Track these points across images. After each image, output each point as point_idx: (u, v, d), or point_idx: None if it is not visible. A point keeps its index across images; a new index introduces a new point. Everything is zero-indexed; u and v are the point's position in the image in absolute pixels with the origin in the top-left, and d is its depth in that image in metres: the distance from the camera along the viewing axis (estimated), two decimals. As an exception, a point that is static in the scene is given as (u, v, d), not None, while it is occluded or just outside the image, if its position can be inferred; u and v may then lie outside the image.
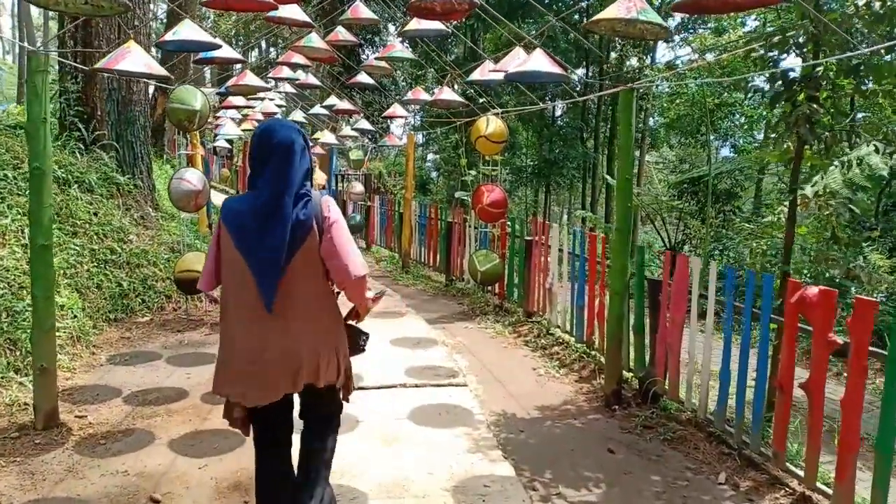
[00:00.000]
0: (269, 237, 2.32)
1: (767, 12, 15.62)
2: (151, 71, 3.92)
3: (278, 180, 2.36)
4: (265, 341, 2.38)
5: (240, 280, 2.38)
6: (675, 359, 4.23)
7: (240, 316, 2.42)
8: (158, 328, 6.18)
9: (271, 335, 2.38)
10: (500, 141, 6.90)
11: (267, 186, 2.37)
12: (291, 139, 2.42)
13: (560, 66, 4.14)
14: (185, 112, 6.03)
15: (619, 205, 4.36)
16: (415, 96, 7.72)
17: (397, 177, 29.02)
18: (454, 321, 7.07)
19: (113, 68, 3.71)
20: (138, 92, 7.32)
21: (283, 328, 2.39)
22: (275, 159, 2.38)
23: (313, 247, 2.39)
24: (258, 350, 2.38)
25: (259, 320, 2.37)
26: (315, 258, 2.40)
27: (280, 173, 2.37)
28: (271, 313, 2.35)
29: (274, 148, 2.39)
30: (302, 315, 2.42)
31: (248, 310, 2.38)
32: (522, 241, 6.97)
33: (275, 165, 2.37)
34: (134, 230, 6.91)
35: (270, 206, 2.34)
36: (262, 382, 2.40)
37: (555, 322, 6.14)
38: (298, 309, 2.42)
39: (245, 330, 2.41)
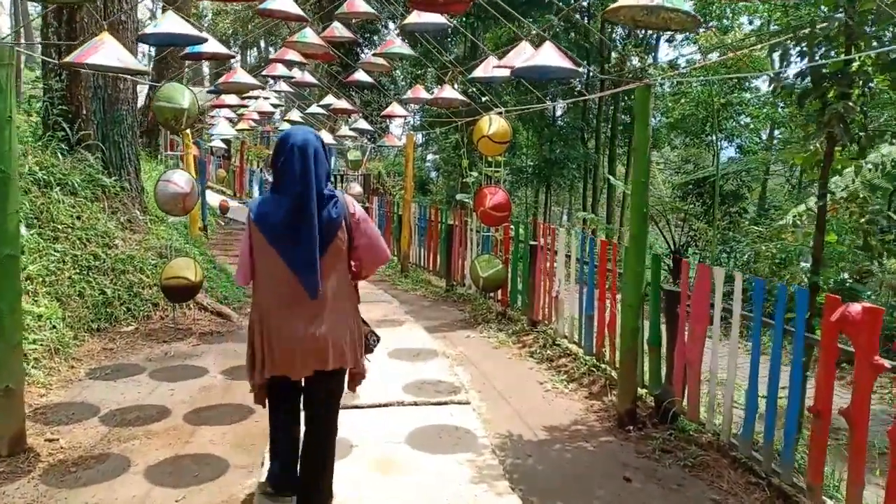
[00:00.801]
0: (302, 234, 2.63)
1: (774, 10, 15.35)
2: (125, 65, 3.61)
3: (299, 182, 2.64)
4: (301, 327, 2.70)
5: (277, 274, 2.70)
6: (695, 376, 3.92)
7: (277, 306, 2.74)
8: (144, 338, 5.86)
9: (305, 322, 2.71)
10: (503, 141, 6.58)
11: (289, 188, 2.66)
12: (308, 142, 2.70)
13: (570, 60, 3.82)
14: (172, 110, 5.72)
15: (634, 209, 4.04)
16: (414, 95, 7.40)
17: (396, 177, 28.75)
18: (455, 329, 6.76)
19: (83, 62, 3.40)
20: (125, 90, 7.00)
21: (316, 316, 2.71)
22: (294, 162, 2.66)
23: (342, 242, 2.74)
24: (295, 334, 2.71)
25: (295, 309, 2.70)
26: (342, 252, 2.76)
27: (300, 175, 2.65)
28: (316, 299, 2.67)
29: (292, 152, 2.67)
30: (331, 304, 2.74)
31: (285, 300, 2.71)
32: (527, 246, 6.66)
33: (294, 168, 2.66)
34: (120, 234, 6.59)
35: (296, 205, 2.64)
36: (299, 361, 2.75)
37: (561, 332, 5.82)
38: (328, 298, 2.73)
39: (283, 319, 2.72)
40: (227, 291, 7.20)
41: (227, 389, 4.77)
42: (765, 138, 15.25)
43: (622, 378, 4.20)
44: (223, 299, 6.98)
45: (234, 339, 6.03)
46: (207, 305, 6.57)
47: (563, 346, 5.78)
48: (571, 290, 5.81)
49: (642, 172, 4.02)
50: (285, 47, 6.47)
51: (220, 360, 5.41)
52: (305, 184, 2.64)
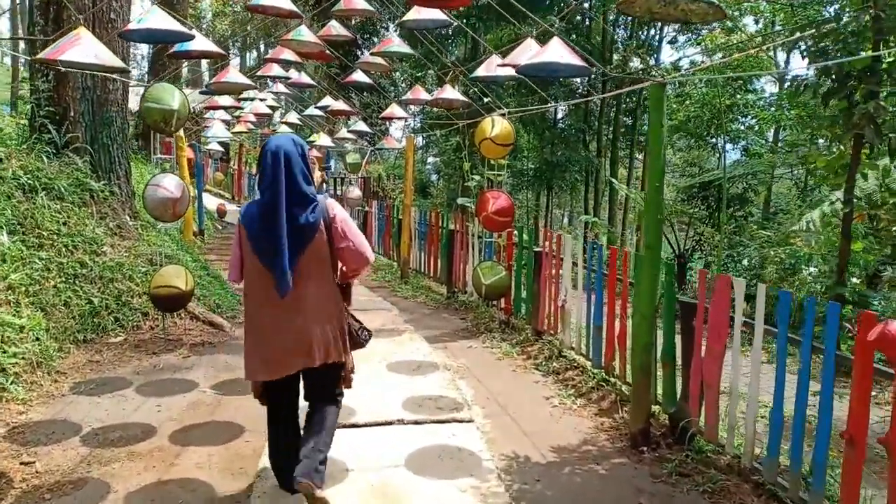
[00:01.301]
0: (273, 236, 2.77)
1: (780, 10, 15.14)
2: (102, 62, 3.36)
3: (270, 186, 2.80)
4: (284, 325, 2.85)
5: (259, 274, 2.86)
6: (714, 394, 3.68)
7: (261, 304, 2.90)
8: (132, 350, 5.62)
9: (288, 320, 2.85)
10: (506, 144, 6.36)
11: (267, 192, 2.81)
12: (280, 148, 2.84)
13: (579, 57, 3.58)
14: (161, 112, 5.48)
15: (649, 215, 3.80)
16: (414, 96, 7.17)
17: (396, 180, 28.50)
18: (457, 339, 6.51)
19: (57, 59, 3.16)
20: (115, 91, 6.76)
21: (298, 314, 2.85)
22: (266, 168, 2.82)
23: (321, 244, 2.86)
24: (278, 332, 2.86)
25: (277, 307, 2.83)
26: (323, 254, 2.89)
27: (271, 180, 2.81)
28: (283, 299, 2.79)
29: (265, 158, 2.84)
30: (313, 303, 2.88)
31: (267, 299, 2.84)
32: (531, 253, 6.42)
33: (267, 173, 2.82)
34: (108, 241, 6.35)
35: (268, 209, 2.80)
36: (283, 358, 2.88)
37: (568, 343, 5.58)
38: (310, 297, 2.87)
39: (266, 316, 2.88)
40: (220, 299, 6.96)
41: (217, 406, 4.52)
42: (768, 141, 14.98)
43: (635, 395, 3.95)
44: (216, 308, 6.74)
45: (226, 351, 5.78)
46: (199, 315, 6.33)
47: (570, 357, 5.54)
48: (578, 299, 5.57)
49: (657, 175, 3.78)
50: (281, 46, 6.23)
51: (210, 374, 5.17)
52: (275, 188, 2.80)
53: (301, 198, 2.83)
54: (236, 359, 5.55)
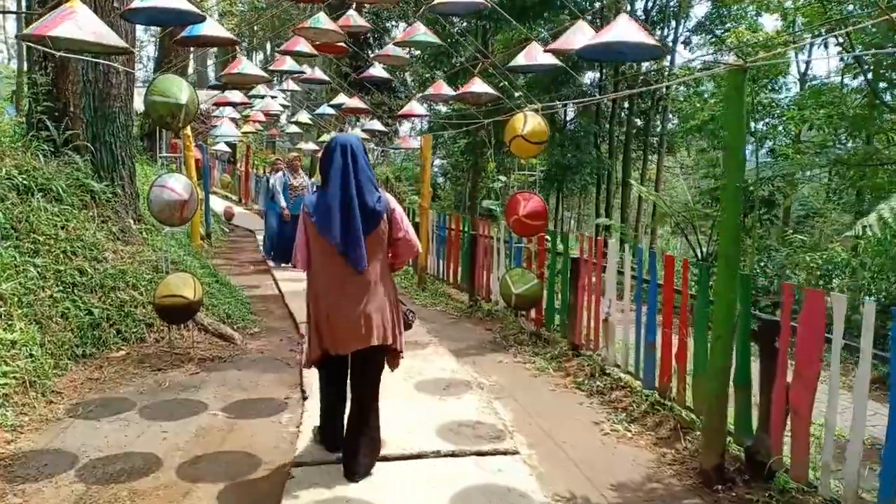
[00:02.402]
0: (348, 220, 3.09)
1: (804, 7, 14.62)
2: (101, 40, 2.89)
3: (342, 176, 3.14)
4: (350, 307, 3.15)
5: (328, 260, 3.17)
6: (803, 426, 3.18)
7: (330, 289, 3.19)
8: (136, 365, 5.15)
9: (354, 301, 3.14)
10: (539, 141, 5.88)
11: (335, 182, 3.14)
12: (348, 143, 3.21)
13: (650, 36, 3.09)
14: (168, 106, 5.05)
15: (726, 222, 3.32)
16: (436, 91, 6.69)
17: (404, 181, 28.02)
18: (485, 353, 6.02)
19: (46, 35, 2.69)
20: (118, 85, 6.31)
21: (363, 296, 3.15)
22: (337, 161, 3.15)
23: (382, 231, 3.18)
24: (346, 312, 3.15)
25: (345, 290, 3.15)
26: (383, 241, 3.21)
27: (342, 171, 3.14)
28: (349, 283, 3.13)
29: (335, 152, 3.17)
30: (374, 286, 3.18)
31: (335, 283, 3.16)
32: (567, 259, 5.93)
33: (338, 165, 3.15)
34: (110, 246, 5.89)
35: (342, 196, 3.11)
36: (347, 336, 3.18)
37: (612, 359, 5.08)
38: (372, 281, 3.17)
39: (334, 299, 3.17)
40: (230, 309, 6.48)
41: (230, 432, 4.04)
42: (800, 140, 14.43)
43: (709, 428, 3.45)
44: (226, 318, 6.26)
45: (237, 366, 5.31)
46: (208, 326, 5.85)
47: (615, 375, 5.05)
48: (625, 311, 5.08)
49: (736, 174, 3.29)
50: (297, 35, 5.77)
51: (221, 393, 4.69)
52: (346, 177, 3.14)
53: (368, 187, 3.18)
54: (249, 375, 5.08)
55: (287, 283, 8.87)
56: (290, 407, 4.45)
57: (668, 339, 4.37)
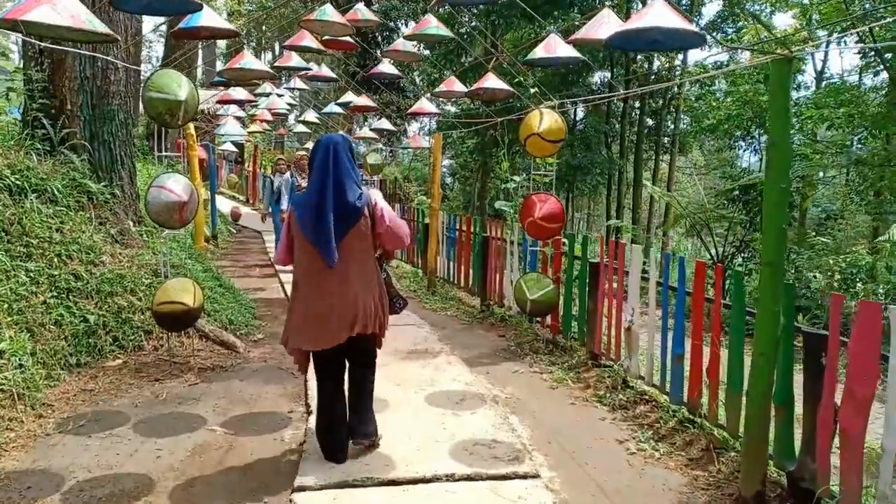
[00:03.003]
0: (322, 216, 3.23)
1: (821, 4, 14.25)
2: (81, 26, 2.62)
3: (321, 173, 3.30)
4: (329, 300, 3.27)
5: (306, 255, 3.32)
6: (856, 452, 2.88)
7: (310, 283, 3.32)
8: (132, 375, 4.90)
9: (334, 296, 3.27)
10: (556, 140, 5.61)
11: (316, 181, 3.31)
12: (330, 141, 3.36)
13: (687, 20, 2.79)
14: (166, 103, 4.81)
15: (772, 225, 3.02)
16: (448, 88, 6.41)
17: (412, 182, 27.78)
18: (499, 362, 5.73)
19: (18, 19, 2.43)
20: (117, 81, 6.07)
21: (343, 290, 3.28)
22: (317, 159, 3.34)
23: (364, 227, 3.31)
24: (325, 307, 3.27)
25: (325, 285, 3.28)
26: (365, 235, 3.33)
27: (321, 168, 3.31)
28: (331, 278, 3.26)
29: (317, 150, 3.36)
30: (356, 280, 3.31)
31: (315, 277, 3.29)
32: (585, 264, 5.64)
33: (318, 163, 3.33)
34: (108, 249, 5.65)
35: (318, 192, 3.27)
36: (329, 330, 3.28)
37: (635, 371, 4.78)
38: (353, 275, 3.31)
39: (313, 294, 3.31)
40: (233, 315, 6.22)
41: (229, 450, 3.78)
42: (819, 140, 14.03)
43: (750, 452, 3.15)
44: (228, 324, 6.01)
45: (239, 376, 5.05)
46: (209, 333, 5.60)
47: (638, 388, 4.75)
48: (649, 319, 4.78)
49: (782, 174, 2.99)
50: (303, 28, 5.50)
51: (220, 407, 4.43)
52: (325, 174, 3.28)
53: (349, 184, 3.30)
54: (251, 386, 4.82)
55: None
56: (294, 422, 4.18)
57: (699, 351, 4.07)
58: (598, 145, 22.33)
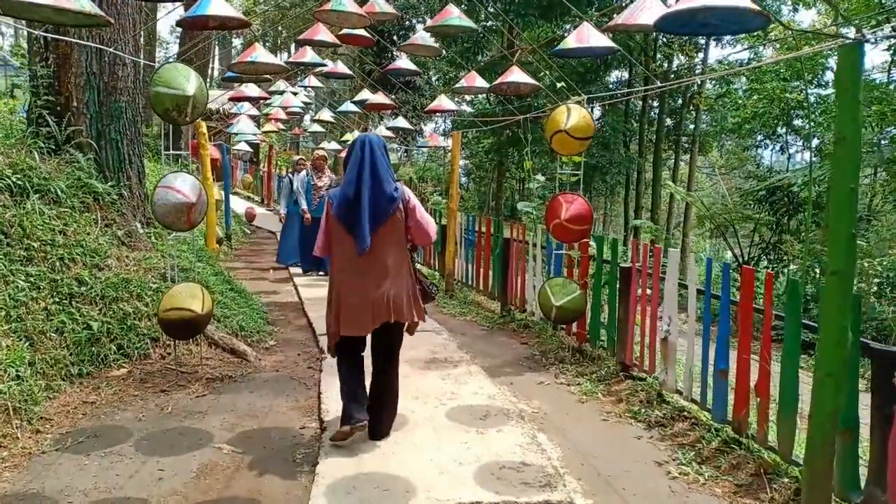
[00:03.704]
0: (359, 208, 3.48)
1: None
2: (63, 4, 2.34)
3: (357, 169, 3.56)
4: (367, 289, 3.52)
5: (345, 246, 3.55)
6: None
7: (347, 272, 3.57)
8: (137, 386, 4.65)
9: (371, 286, 3.52)
10: (584, 137, 5.31)
11: (353, 173, 3.56)
12: (366, 140, 3.65)
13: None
14: (173, 98, 4.57)
15: (840, 230, 2.68)
16: (469, 83, 6.11)
17: (427, 181, 27.49)
18: (522, 371, 5.42)
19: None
20: (125, 77, 5.83)
21: (379, 278, 3.53)
22: (353, 156, 3.61)
23: (398, 220, 3.58)
24: (363, 295, 3.52)
25: (362, 274, 3.53)
26: (399, 228, 3.60)
27: (358, 164, 3.57)
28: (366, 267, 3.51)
29: (353, 148, 3.64)
30: (391, 269, 3.56)
31: (353, 267, 3.55)
32: (615, 269, 5.31)
33: (359, 158, 3.58)
34: (114, 252, 5.41)
35: (355, 187, 3.52)
36: (366, 317, 3.54)
37: (672, 385, 4.45)
38: (389, 264, 3.56)
39: (352, 282, 3.56)
40: (245, 321, 5.96)
41: (236, 471, 3.50)
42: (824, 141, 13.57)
43: (811, 481, 2.82)
44: (240, 331, 5.75)
45: (249, 388, 4.78)
46: (219, 341, 5.34)
47: (676, 404, 4.42)
48: (688, 329, 4.45)
49: (851, 174, 2.66)
50: (317, 20, 5.23)
51: (228, 421, 4.16)
52: (362, 168, 3.51)
53: (386, 177, 3.54)
54: (261, 400, 4.55)
55: (307, 290, 8.36)
56: (306, 441, 3.90)
57: (746, 365, 3.74)
58: (617, 145, 21.91)
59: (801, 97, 12.90)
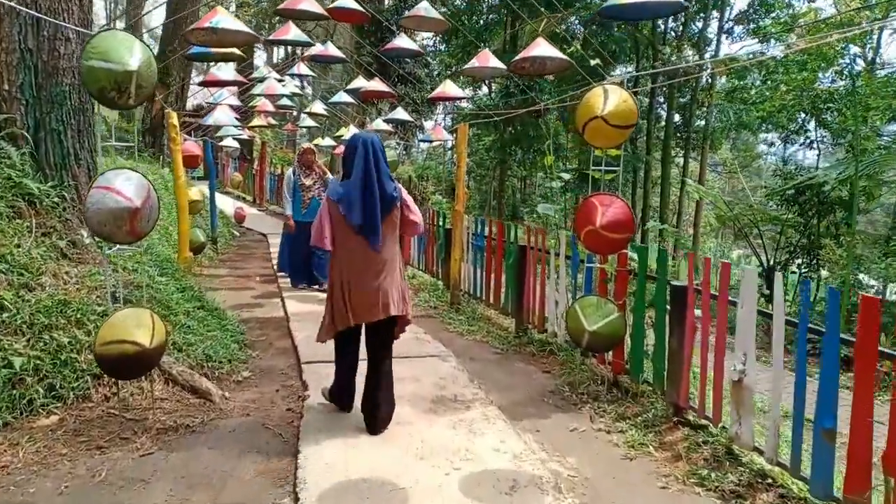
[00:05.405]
0: (367, 206, 3.65)
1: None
2: None
3: (364, 169, 3.67)
4: (371, 282, 3.71)
5: (350, 241, 3.72)
6: None
7: (352, 267, 3.73)
8: (68, 439, 3.67)
9: (372, 279, 3.72)
10: (625, 125, 4.37)
11: (360, 175, 3.67)
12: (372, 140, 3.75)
13: None
14: (111, 74, 3.64)
15: None
16: (482, 64, 5.14)
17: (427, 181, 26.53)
18: (549, 412, 4.45)
19: None
20: (69, 55, 4.85)
21: (380, 273, 3.73)
22: (359, 156, 3.69)
23: (396, 215, 3.78)
24: (368, 287, 3.71)
25: (363, 269, 3.72)
26: (396, 224, 3.81)
27: (364, 164, 3.67)
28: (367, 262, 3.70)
29: (357, 148, 3.72)
30: (389, 264, 3.77)
31: (357, 262, 3.72)
32: (665, 287, 4.33)
33: (363, 157, 3.68)
34: (51, 267, 4.44)
35: (363, 185, 3.66)
36: (370, 307, 3.73)
37: (748, 440, 3.48)
38: (387, 259, 3.76)
39: (357, 276, 3.72)
40: (214, 347, 4.96)
41: (174, 581, 2.52)
42: (881, 134, 12.62)
43: None
44: (206, 361, 4.76)
45: (210, 441, 3.79)
46: (178, 376, 4.36)
47: (753, 466, 3.46)
48: (769, 370, 3.48)
49: None
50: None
51: (177, 493, 3.18)
52: (368, 168, 3.67)
53: (388, 178, 3.74)
54: (222, 457, 3.57)
55: (296, 303, 7.40)
56: (275, 528, 2.93)
57: (865, 427, 2.77)
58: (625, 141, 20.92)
59: (832, 88, 11.93)
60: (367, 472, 3.33)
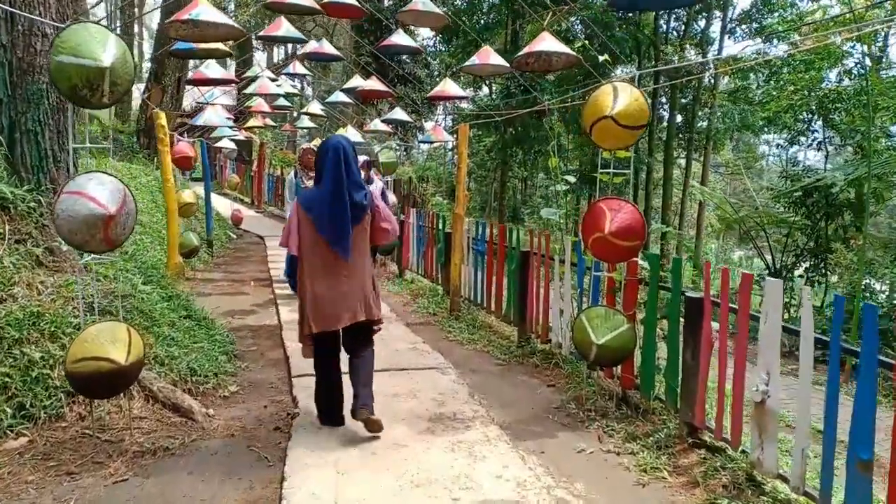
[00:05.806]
0: (336, 214, 3.63)
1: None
2: None
3: (333, 175, 3.65)
4: (336, 288, 3.71)
5: (318, 248, 3.70)
6: None
7: (319, 274, 3.72)
8: (36, 465, 3.40)
9: (342, 285, 3.72)
10: (636, 126, 4.12)
11: (330, 179, 3.66)
12: (339, 145, 3.72)
13: None
14: (82, 70, 3.40)
15: None
16: (482, 61, 4.87)
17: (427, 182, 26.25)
18: (555, 431, 4.18)
19: None
20: (46, 52, 4.59)
21: (347, 279, 3.73)
22: (328, 162, 3.68)
23: (366, 223, 3.78)
24: (332, 294, 3.71)
25: (332, 275, 3.72)
26: (365, 229, 3.79)
27: (337, 169, 3.65)
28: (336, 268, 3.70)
29: (327, 154, 3.71)
30: (359, 270, 3.77)
31: (322, 268, 3.71)
32: (677, 296, 4.06)
33: (333, 164, 3.66)
34: (24, 277, 4.18)
35: (335, 191, 3.64)
36: (336, 314, 3.72)
37: (770, 467, 3.20)
38: (357, 265, 3.76)
39: (322, 283, 3.71)
40: (199, 360, 4.69)
41: None
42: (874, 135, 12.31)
43: None
44: (190, 375, 4.49)
45: (189, 465, 3.52)
46: (158, 393, 4.09)
47: (777, 494, 3.18)
48: (800, 392, 3.21)
49: None
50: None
51: (150, 528, 2.91)
52: (338, 176, 3.64)
53: (357, 184, 3.70)
54: (202, 484, 3.30)
55: (290, 310, 7.13)
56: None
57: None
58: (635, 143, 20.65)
59: (840, 88, 11.66)
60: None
